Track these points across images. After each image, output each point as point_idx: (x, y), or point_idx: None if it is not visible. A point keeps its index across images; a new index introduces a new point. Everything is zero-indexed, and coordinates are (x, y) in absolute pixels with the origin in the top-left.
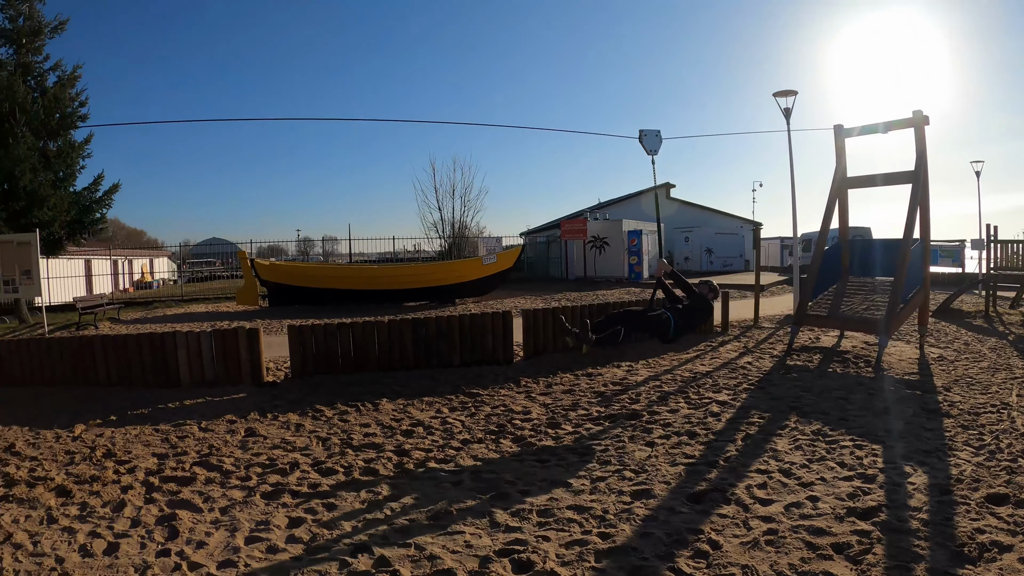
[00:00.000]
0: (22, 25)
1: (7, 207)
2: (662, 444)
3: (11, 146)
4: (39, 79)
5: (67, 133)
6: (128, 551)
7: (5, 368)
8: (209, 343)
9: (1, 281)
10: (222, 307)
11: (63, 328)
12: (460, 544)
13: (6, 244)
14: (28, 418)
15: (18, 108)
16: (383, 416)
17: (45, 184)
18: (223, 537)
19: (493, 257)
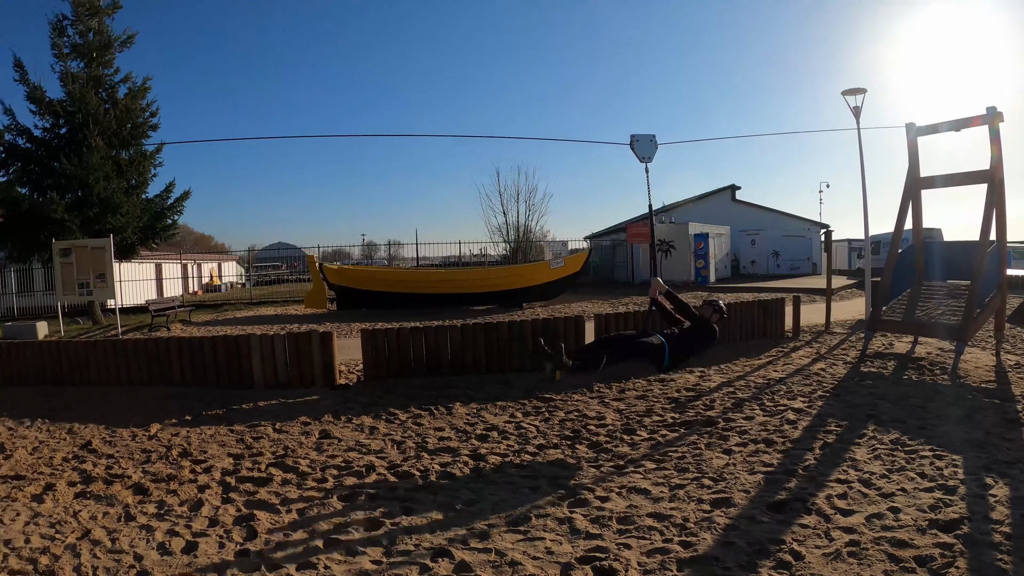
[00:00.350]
0: (92, 40)
1: (82, 214)
2: (739, 452)
3: (85, 155)
4: (110, 91)
5: (139, 142)
6: (207, 550)
7: (83, 368)
8: (283, 346)
9: (76, 284)
10: (290, 310)
11: (135, 329)
12: (541, 550)
13: (81, 249)
14: (105, 417)
15: (91, 119)
16: (457, 420)
17: (118, 192)
18: (303, 539)
19: (561, 261)
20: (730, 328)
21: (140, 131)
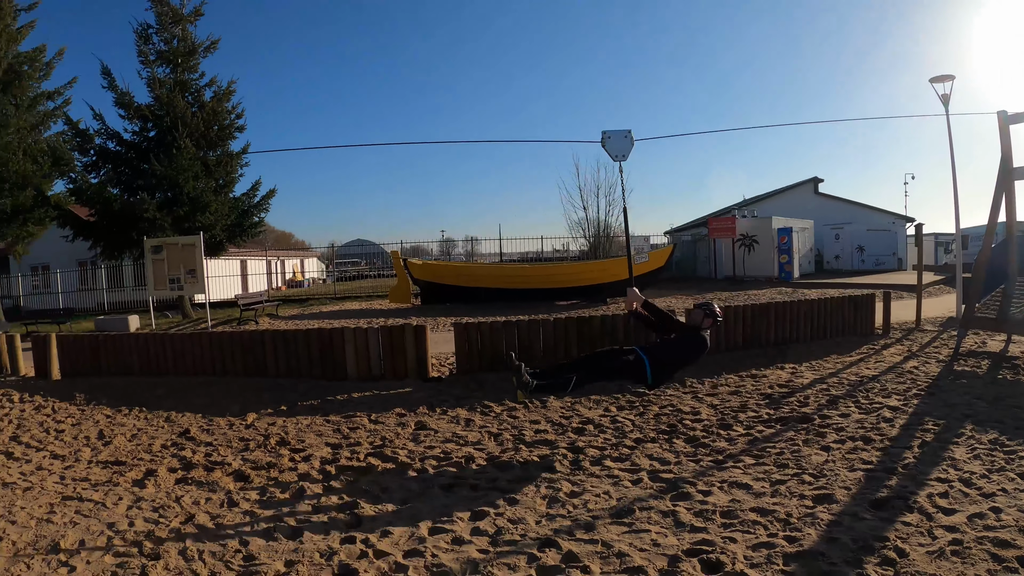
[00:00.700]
0: (177, 46)
1: (172, 212)
2: (837, 449)
3: (175, 156)
4: (196, 95)
5: (225, 143)
6: (312, 536)
7: (180, 359)
8: (376, 339)
9: (167, 279)
10: (375, 304)
11: (224, 323)
12: (647, 542)
13: (172, 246)
14: (201, 406)
15: (180, 121)
16: (552, 413)
17: (207, 191)
18: (407, 527)
19: (645, 256)
20: (820, 324)
21: (226, 132)
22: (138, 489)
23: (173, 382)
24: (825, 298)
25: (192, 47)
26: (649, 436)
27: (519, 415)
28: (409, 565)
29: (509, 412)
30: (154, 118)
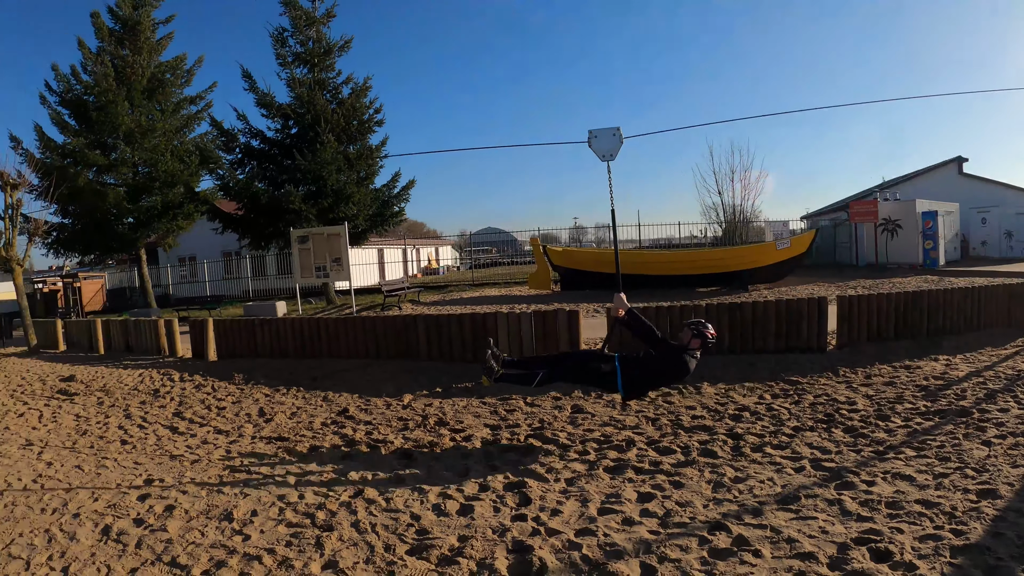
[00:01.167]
0: (312, 47)
1: (317, 204)
2: (999, 444)
3: (318, 151)
4: (334, 92)
5: (365, 137)
6: (483, 513)
7: (335, 342)
8: (529, 323)
9: (313, 267)
10: (514, 291)
11: (367, 308)
12: (815, 529)
13: (318, 236)
14: (358, 387)
15: (321, 118)
16: (707, 400)
17: (349, 183)
18: (575, 507)
19: (787, 242)
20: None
21: (366, 127)
22: (304, 464)
23: (328, 364)
24: (978, 287)
25: (327, 47)
26: (807, 425)
27: (674, 400)
28: (582, 543)
29: (664, 397)
30: (295, 116)
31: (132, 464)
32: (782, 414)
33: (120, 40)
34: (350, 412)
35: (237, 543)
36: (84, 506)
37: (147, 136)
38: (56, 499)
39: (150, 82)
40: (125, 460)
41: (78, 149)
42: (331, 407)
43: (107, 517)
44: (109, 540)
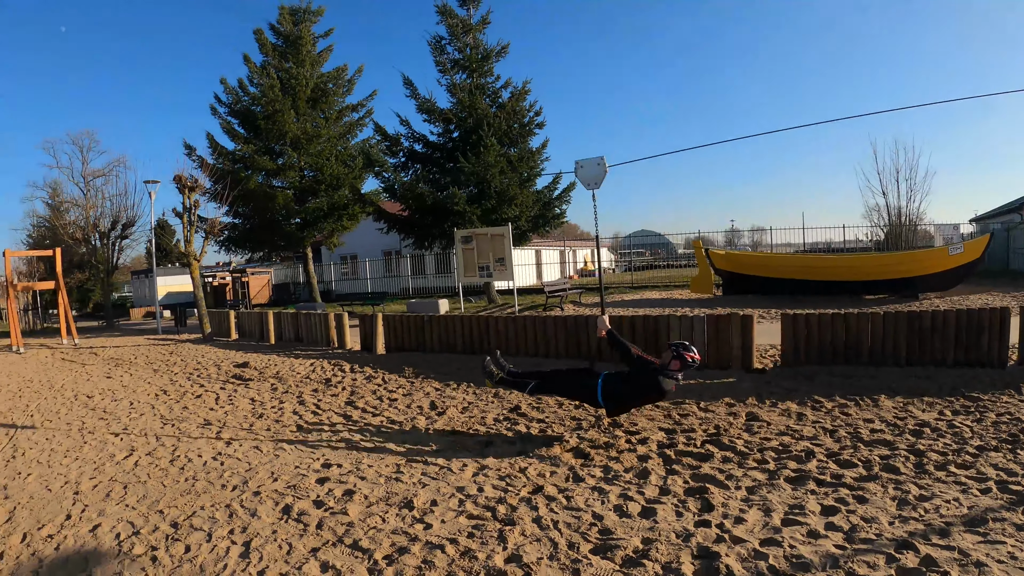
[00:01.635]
0: (470, 53)
1: (481, 205)
2: None
3: (482, 154)
4: (493, 96)
5: (526, 140)
6: (665, 516)
7: (504, 340)
8: (702, 327)
9: (476, 267)
10: (674, 294)
11: (529, 308)
12: (1003, 554)
13: (482, 236)
14: None
15: (484, 121)
16: (884, 413)
17: (512, 185)
18: (759, 516)
19: (960, 247)
20: None
21: (527, 130)
22: (480, 458)
23: None
24: None
25: (485, 53)
26: (991, 444)
27: (851, 412)
28: (768, 553)
29: (840, 408)
30: (457, 120)
31: (308, 449)
32: (964, 432)
33: (283, 54)
34: (522, 409)
35: (418, 531)
36: (264, 485)
37: (312, 142)
38: (236, 477)
39: (313, 92)
40: (302, 445)
41: (248, 155)
42: (502, 403)
43: (287, 497)
44: (290, 519)
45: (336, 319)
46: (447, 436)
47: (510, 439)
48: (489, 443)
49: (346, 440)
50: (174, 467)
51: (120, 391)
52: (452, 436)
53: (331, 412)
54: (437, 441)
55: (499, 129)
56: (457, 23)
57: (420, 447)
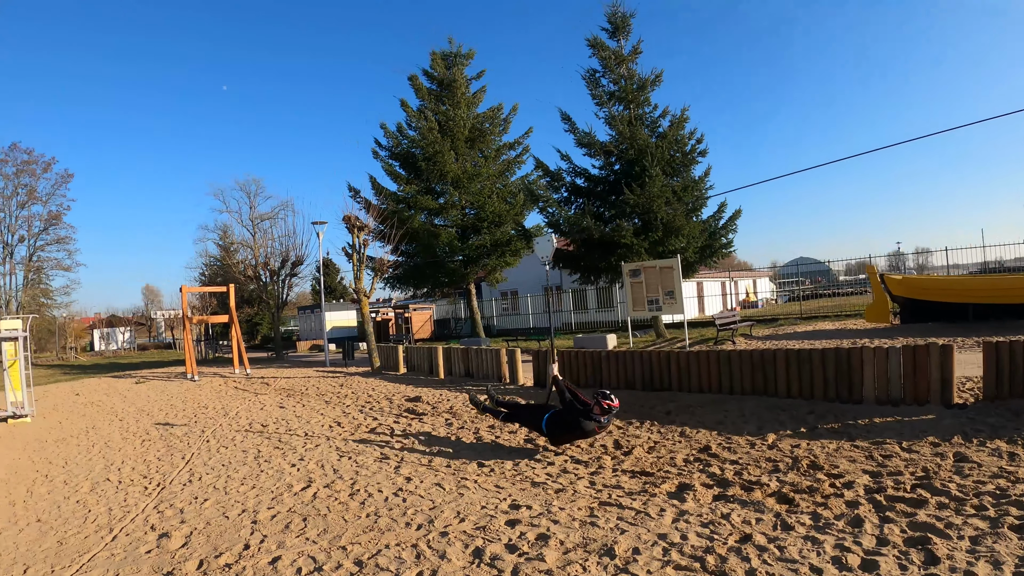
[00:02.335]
0: (625, 84)
1: (648, 237)
2: None
3: (647, 185)
4: (652, 126)
5: (688, 169)
6: (890, 571)
7: (686, 376)
8: (897, 359)
9: (645, 300)
10: (847, 324)
11: (699, 342)
12: None
13: (650, 269)
14: (715, 423)
15: (647, 152)
16: None
17: (678, 215)
18: (988, 570)
19: None
20: None
21: (689, 158)
22: (677, 502)
23: (679, 398)
24: None
25: (640, 83)
26: None
27: None
28: None
29: None
30: (618, 152)
31: (494, 487)
32: None
33: (439, 97)
34: (712, 450)
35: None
36: (451, 525)
37: (472, 181)
38: (420, 515)
39: (471, 132)
40: (486, 482)
41: (411, 195)
42: (691, 443)
43: (477, 539)
44: (482, 563)
45: (508, 354)
46: (637, 477)
47: (705, 482)
48: (684, 486)
49: (530, 479)
50: (354, 501)
51: (294, 421)
52: (643, 477)
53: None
54: (628, 483)
55: (662, 159)
56: (609, 55)
57: (611, 489)
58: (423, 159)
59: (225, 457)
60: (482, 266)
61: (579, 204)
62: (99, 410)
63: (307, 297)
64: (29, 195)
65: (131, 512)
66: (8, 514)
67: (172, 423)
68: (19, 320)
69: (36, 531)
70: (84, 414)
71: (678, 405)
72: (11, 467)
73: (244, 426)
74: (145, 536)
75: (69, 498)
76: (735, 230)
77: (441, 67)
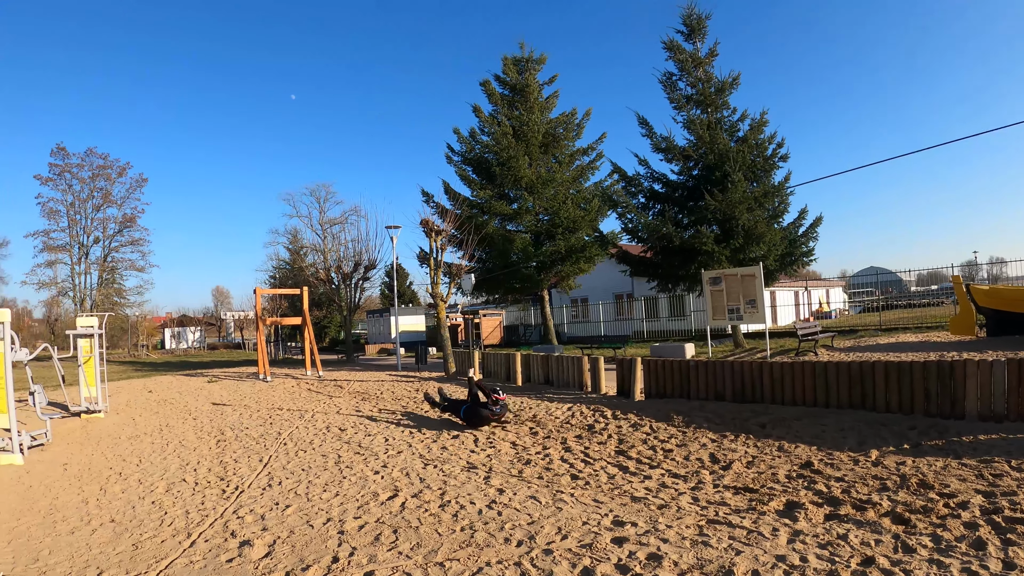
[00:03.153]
0: (703, 88)
1: (728, 244)
2: None
3: (729, 191)
4: (731, 130)
5: (769, 174)
6: None
7: (779, 387)
8: (1002, 373)
9: (725, 309)
10: (932, 336)
11: (780, 353)
12: None
13: (731, 277)
14: (813, 437)
15: (727, 157)
16: None
17: (760, 222)
18: None
19: None
20: None
21: (770, 163)
22: (789, 521)
23: (772, 410)
24: None
25: (719, 86)
26: None
27: None
28: None
29: None
30: (697, 157)
31: (592, 502)
32: None
33: (511, 103)
34: (815, 466)
35: None
36: (554, 542)
37: (547, 186)
38: (519, 530)
39: (544, 137)
40: (583, 496)
41: (485, 200)
42: (790, 458)
43: (584, 558)
44: None
45: (591, 362)
46: (741, 493)
47: (814, 500)
48: (793, 504)
49: (628, 494)
50: (446, 513)
51: (372, 425)
52: (747, 493)
53: (603, 460)
54: (732, 500)
55: (743, 164)
56: (686, 58)
57: (716, 506)
58: (497, 164)
59: (304, 461)
60: (555, 272)
61: (657, 210)
62: (172, 408)
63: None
64: (104, 198)
65: (209, 516)
66: (81, 513)
67: (247, 424)
68: (95, 318)
69: (110, 532)
70: (157, 411)
71: (772, 418)
72: (85, 463)
73: (322, 428)
74: (225, 543)
75: (144, 498)
76: (816, 237)
77: (513, 72)
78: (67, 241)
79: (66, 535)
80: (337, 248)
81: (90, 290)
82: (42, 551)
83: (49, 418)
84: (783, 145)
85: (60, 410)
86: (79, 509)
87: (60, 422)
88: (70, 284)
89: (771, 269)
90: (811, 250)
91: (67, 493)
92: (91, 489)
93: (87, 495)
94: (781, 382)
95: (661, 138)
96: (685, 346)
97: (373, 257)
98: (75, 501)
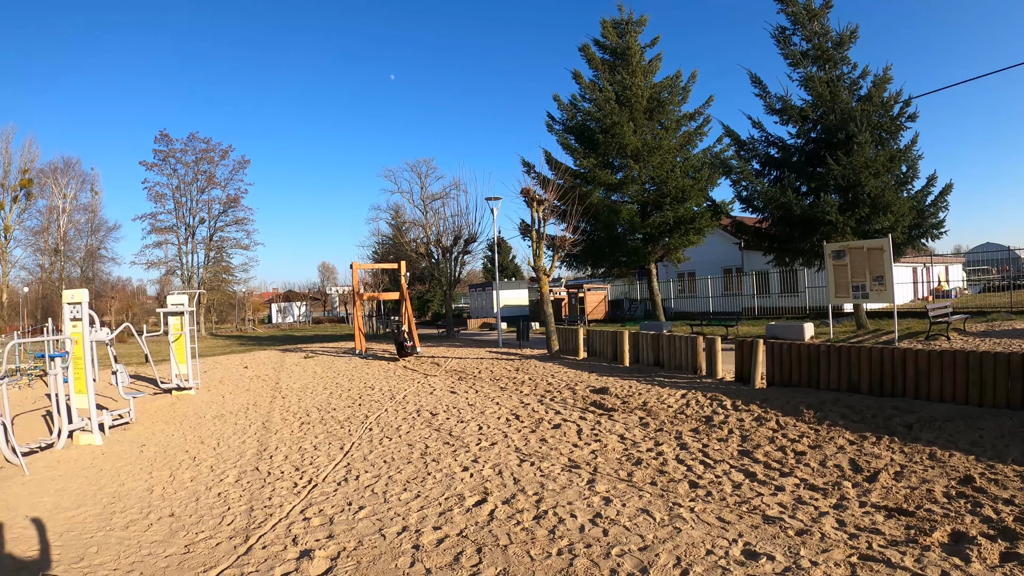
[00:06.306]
0: (819, 42)
1: (854, 214)
2: None
3: (854, 154)
4: (851, 87)
5: (895, 136)
6: None
7: (924, 381)
8: None
9: (849, 286)
10: None
11: (907, 336)
12: None
13: (856, 250)
14: (969, 444)
15: (854, 117)
16: None
17: (888, 189)
18: None
19: None
20: None
21: (896, 124)
22: (960, 562)
23: (918, 407)
24: None
25: (838, 39)
26: None
27: None
28: None
29: None
30: (815, 118)
31: (716, 520)
32: None
33: (612, 67)
34: (977, 482)
35: None
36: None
37: (653, 154)
38: (628, 557)
39: (649, 102)
40: (704, 512)
41: (588, 170)
42: (945, 470)
43: None
44: None
45: (707, 343)
46: (894, 517)
47: (986, 532)
48: (959, 535)
49: (759, 511)
50: (541, 528)
51: (466, 410)
52: (901, 517)
53: (726, 464)
54: (884, 524)
55: (868, 125)
56: (800, 10)
57: (867, 534)
58: (600, 131)
59: (388, 451)
60: (663, 245)
61: (774, 177)
62: (264, 385)
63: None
64: (208, 180)
65: (274, 515)
66: (143, 503)
67: (335, 405)
68: (185, 296)
69: (166, 529)
70: (248, 388)
71: (919, 417)
72: (162, 445)
73: (412, 412)
74: (284, 552)
75: (211, 488)
76: (946, 207)
77: (613, 35)
78: (174, 222)
79: (120, 530)
80: (438, 223)
81: (197, 268)
82: (90, 548)
83: (133, 397)
84: (910, 103)
85: (152, 386)
86: (141, 499)
87: (150, 399)
88: (178, 263)
89: (898, 242)
90: (941, 221)
91: (135, 479)
92: (160, 475)
93: (154, 482)
94: (927, 374)
95: (776, 98)
96: (804, 326)
97: (474, 231)
98: (140, 489)
